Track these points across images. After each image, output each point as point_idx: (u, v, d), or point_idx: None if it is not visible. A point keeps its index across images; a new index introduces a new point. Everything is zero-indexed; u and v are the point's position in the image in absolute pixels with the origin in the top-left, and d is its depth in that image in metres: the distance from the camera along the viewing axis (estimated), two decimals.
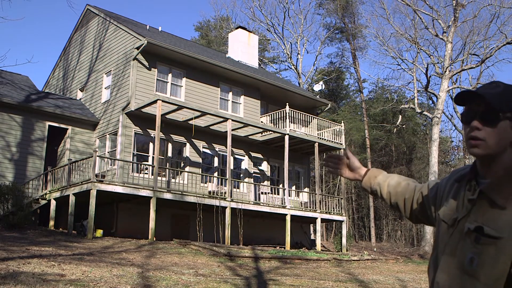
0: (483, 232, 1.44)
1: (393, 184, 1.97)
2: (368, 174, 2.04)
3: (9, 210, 15.45)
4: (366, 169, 2.06)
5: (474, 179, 1.57)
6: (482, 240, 1.44)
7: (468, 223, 1.50)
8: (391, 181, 1.98)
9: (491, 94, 1.49)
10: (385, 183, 1.99)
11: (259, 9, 42.81)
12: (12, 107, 17.99)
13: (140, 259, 10.83)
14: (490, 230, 1.43)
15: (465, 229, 1.51)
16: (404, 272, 14.74)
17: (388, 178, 2.01)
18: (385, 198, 1.99)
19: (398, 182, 1.97)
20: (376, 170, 2.05)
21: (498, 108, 1.47)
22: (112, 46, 20.14)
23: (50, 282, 6.91)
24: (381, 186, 2.00)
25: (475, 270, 1.45)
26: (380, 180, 2.00)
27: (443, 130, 52.61)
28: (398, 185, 1.96)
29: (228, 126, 17.96)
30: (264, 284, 9.28)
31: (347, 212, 32.06)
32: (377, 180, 2.01)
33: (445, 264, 1.57)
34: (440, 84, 29.42)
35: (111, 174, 17.54)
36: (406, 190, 1.93)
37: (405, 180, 1.97)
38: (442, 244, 1.61)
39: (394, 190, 1.96)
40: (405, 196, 1.92)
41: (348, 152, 2.11)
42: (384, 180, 2.00)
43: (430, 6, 30.42)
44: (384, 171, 2.05)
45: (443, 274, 1.57)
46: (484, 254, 1.43)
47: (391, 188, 1.97)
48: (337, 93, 50.25)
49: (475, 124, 1.51)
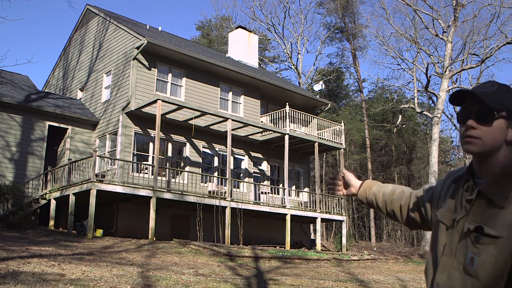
0: (483, 232, 1.45)
1: (387, 193, 2.00)
2: (363, 186, 2.09)
3: (9, 210, 15.46)
4: (361, 181, 2.11)
5: (471, 179, 1.58)
6: (482, 240, 1.45)
7: (467, 223, 1.51)
8: (386, 190, 2.02)
9: (485, 93, 1.52)
10: (380, 193, 2.02)
11: (260, 8, 42.85)
12: (12, 107, 17.99)
13: (140, 259, 10.83)
14: (489, 229, 1.43)
15: (465, 229, 1.51)
16: (404, 272, 14.73)
17: (383, 187, 2.04)
18: (381, 207, 2.02)
19: (393, 190, 2.00)
20: (370, 182, 2.09)
21: (493, 106, 1.49)
22: (112, 46, 20.14)
23: (50, 282, 6.91)
24: (376, 196, 2.03)
25: (475, 270, 1.45)
26: (375, 191, 2.04)
27: (443, 130, 52.68)
28: (392, 193, 1.99)
29: (228, 126, 17.96)
30: (264, 284, 9.28)
31: (347, 211, 32.06)
32: (372, 190, 2.05)
33: (444, 265, 1.57)
34: (440, 84, 29.42)
35: (111, 174, 17.54)
36: (401, 197, 1.96)
37: (400, 188, 2.00)
38: (441, 245, 1.62)
39: (389, 198, 1.99)
40: (401, 203, 1.95)
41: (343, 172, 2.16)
42: (379, 190, 2.03)
43: (430, 6, 30.42)
44: (379, 182, 2.08)
45: (443, 275, 1.57)
46: (484, 254, 1.43)
47: (386, 196, 2.00)
48: (337, 93, 50.25)
49: (470, 123, 1.53)
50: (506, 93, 1.52)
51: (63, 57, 24.70)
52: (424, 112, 31.70)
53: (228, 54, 26.43)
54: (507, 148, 1.51)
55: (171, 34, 24.62)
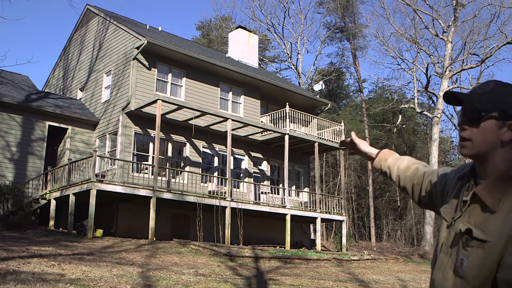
0: (472, 235, 1.44)
1: (402, 168, 1.98)
2: (379, 156, 2.08)
3: (9, 210, 15.46)
4: (378, 150, 2.11)
5: (473, 179, 1.56)
6: (471, 242, 1.44)
7: (462, 224, 1.50)
8: (401, 165, 1.99)
9: (475, 94, 1.51)
10: (395, 167, 2.00)
11: (259, 8, 42.84)
12: (12, 107, 17.99)
13: (140, 259, 10.83)
14: (479, 233, 1.42)
15: (458, 230, 1.51)
16: (404, 272, 14.73)
17: (398, 161, 2.01)
18: (394, 181, 2.01)
19: (408, 166, 1.97)
20: (387, 152, 2.07)
21: (479, 107, 1.48)
22: (112, 46, 20.14)
23: (50, 281, 6.91)
24: (390, 169, 2.02)
25: (464, 272, 1.45)
26: (390, 163, 2.02)
27: (443, 130, 52.69)
28: (407, 169, 1.96)
29: (228, 126, 17.96)
30: (264, 284, 9.28)
31: (347, 212, 32.06)
32: (387, 163, 2.04)
33: (440, 263, 1.58)
34: (440, 84, 29.42)
35: (111, 174, 17.54)
36: (415, 175, 1.92)
37: (415, 164, 1.97)
38: (440, 242, 1.62)
39: (403, 175, 1.96)
40: (413, 182, 1.91)
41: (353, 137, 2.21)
42: (394, 163, 2.01)
43: (430, 6, 30.42)
44: (395, 154, 2.06)
45: (438, 272, 1.58)
46: (472, 257, 1.43)
47: (400, 172, 1.97)
48: (337, 93, 50.25)
49: (461, 125, 1.54)
50: (500, 93, 1.49)
51: (63, 57, 24.69)
52: (424, 112, 31.70)
53: (228, 54, 26.44)
54: (503, 149, 1.48)
55: (171, 34, 24.63)
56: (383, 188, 45.80)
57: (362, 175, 42.59)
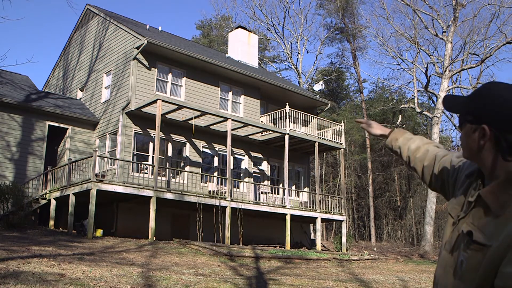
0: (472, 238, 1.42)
1: (412, 149, 1.96)
2: (390, 136, 2.08)
3: (9, 210, 15.46)
4: (390, 130, 2.12)
5: (481, 179, 1.53)
6: (471, 245, 1.42)
7: (465, 224, 1.48)
8: (412, 145, 1.97)
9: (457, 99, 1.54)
10: (405, 147, 2.00)
11: (259, 8, 42.80)
12: (12, 107, 17.99)
13: (140, 258, 10.83)
14: (479, 236, 1.40)
15: (460, 231, 1.49)
16: (404, 271, 14.73)
17: (409, 141, 2.00)
18: (404, 161, 2.01)
19: (418, 146, 1.95)
20: (398, 132, 2.07)
21: (456, 112, 1.51)
22: (112, 45, 20.14)
23: (50, 281, 6.91)
24: (401, 149, 2.02)
25: (463, 274, 1.43)
26: (401, 143, 2.02)
27: (443, 130, 52.66)
28: (417, 150, 1.94)
29: (228, 125, 17.96)
30: (265, 284, 9.27)
31: (347, 211, 32.06)
32: (398, 143, 2.04)
33: (443, 261, 1.56)
34: (440, 84, 29.43)
35: (111, 174, 17.54)
36: (425, 156, 1.89)
37: (426, 145, 1.94)
38: (445, 239, 1.60)
39: (413, 155, 1.95)
40: (423, 163, 1.88)
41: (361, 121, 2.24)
42: (405, 143, 2.01)
43: (430, 6, 30.43)
44: (407, 133, 2.05)
45: (440, 269, 1.57)
46: (471, 259, 1.41)
47: (411, 152, 1.96)
48: (337, 93, 50.26)
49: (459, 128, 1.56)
50: (476, 96, 1.48)
51: (63, 57, 24.69)
52: (424, 112, 31.71)
53: (228, 54, 26.43)
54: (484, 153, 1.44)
55: (171, 34, 24.62)
56: (383, 188, 45.82)
57: (362, 175, 42.59)
